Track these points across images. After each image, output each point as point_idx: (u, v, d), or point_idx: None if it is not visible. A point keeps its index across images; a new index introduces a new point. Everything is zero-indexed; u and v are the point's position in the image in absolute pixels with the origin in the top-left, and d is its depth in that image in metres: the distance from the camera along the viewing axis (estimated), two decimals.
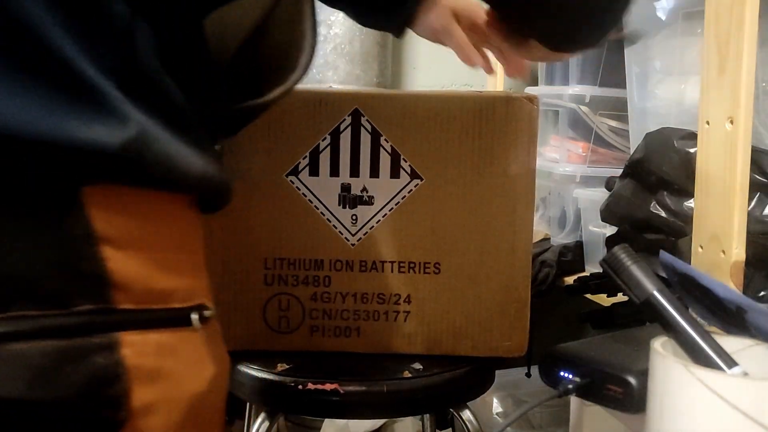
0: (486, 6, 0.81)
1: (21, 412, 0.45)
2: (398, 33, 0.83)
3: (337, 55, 1.79)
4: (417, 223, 0.87)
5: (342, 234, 0.87)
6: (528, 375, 1.64)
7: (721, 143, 0.87)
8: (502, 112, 0.85)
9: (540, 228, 1.60)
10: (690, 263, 0.92)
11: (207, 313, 0.53)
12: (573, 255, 1.44)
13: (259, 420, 0.89)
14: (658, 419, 0.56)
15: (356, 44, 1.79)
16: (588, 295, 1.24)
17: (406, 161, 0.86)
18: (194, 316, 0.51)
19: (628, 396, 0.61)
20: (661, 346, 0.57)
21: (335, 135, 0.86)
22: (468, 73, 1.05)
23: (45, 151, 0.44)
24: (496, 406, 1.65)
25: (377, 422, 1.64)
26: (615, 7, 0.69)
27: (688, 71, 1.11)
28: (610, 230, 1.21)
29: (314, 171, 0.86)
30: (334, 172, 0.86)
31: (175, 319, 0.51)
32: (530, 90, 1.52)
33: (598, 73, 1.43)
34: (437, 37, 0.84)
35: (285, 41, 0.67)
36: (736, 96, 0.85)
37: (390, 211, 0.87)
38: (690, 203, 0.98)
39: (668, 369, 0.54)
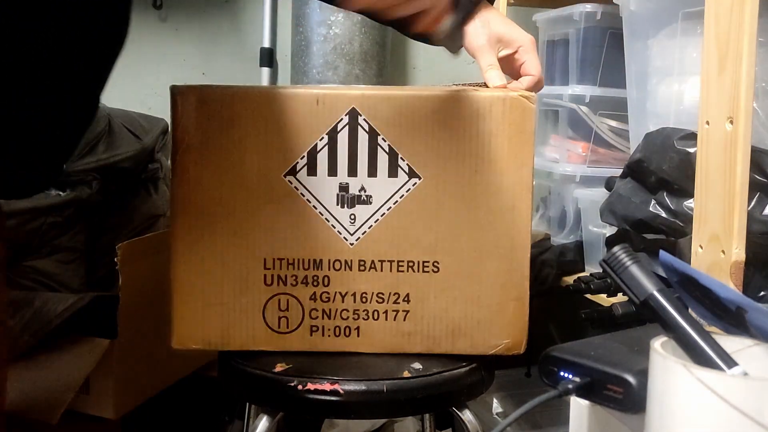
0: (530, 37, 0.96)
1: None
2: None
3: (337, 55, 1.79)
4: (415, 222, 0.87)
5: (341, 233, 0.87)
6: (528, 375, 1.64)
7: (721, 143, 0.87)
8: (500, 111, 0.85)
9: (540, 228, 1.60)
10: (690, 263, 0.92)
11: None
12: (573, 255, 1.44)
13: (259, 420, 0.89)
14: (658, 419, 0.55)
15: (356, 44, 1.79)
16: (588, 295, 1.24)
17: (404, 160, 0.86)
18: None
19: (628, 396, 0.61)
20: (661, 346, 0.57)
21: (333, 134, 0.86)
22: (468, 73, 1.05)
23: None
24: (496, 406, 1.65)
25: (377, 422, 1.64)
26: None
27: (688, 71, 1.10)
28: (610, 230, 1.21)
29: (312, 171, 0.86)
30: (332, 171, 0.86)
31: None
32: None
33: (598, 73, 1.43)
34: (473, 53, 0.95)
35: None
36: (736, 96, 0.85)
37: (388, 210, 0.87)
38: (690, 203, 0.98)
39: (668, 369, 0.54)
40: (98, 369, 1.30)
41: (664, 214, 1.04)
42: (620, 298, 1.16)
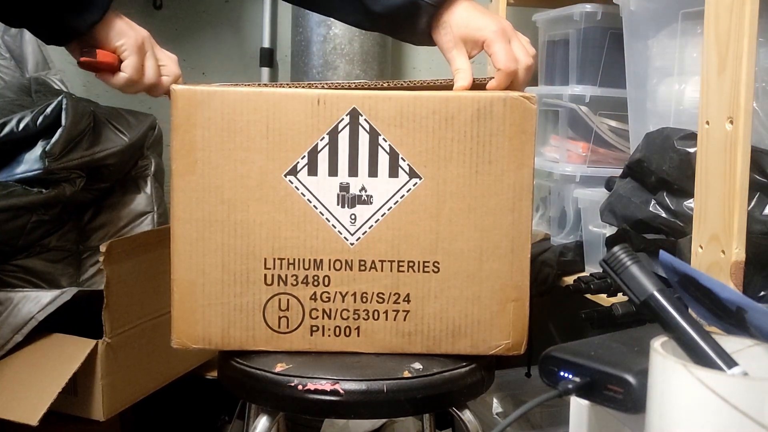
0: (494, 28, 0.92)
1: None
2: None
3: (337, 55, 1.79)
4: (416, 223, 0.87)
5: (341, 234, 0.87)
6: (528, 375, 1.64)
7: (721, 143, 0.87)
8: (501, 111, 0.85)
9: (540, 228, 1.60)
10: (690, 263, 0.92)
11: None
12: (573, 255, 1.44)
13: (259, 420, 0.89)
14: (657, 419, 0.56)
15: (356, 44, 1.79)
16: (588, 295, 1.24)
17: (404, 160, 0.86)
18: None
19: (628, 396, 0.61)
20: (661, 346, 0.57)
21: (333, 134, 0.86)
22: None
23: None
24: (496, 406, 1.65)
25: (377, 422, 1.64)
26: None
27: (688, 71, 1.10)
28: (610, 230, 1.21)
29: (313, 171, 0.86)
30: (333, 171, 0.86)
31: None
32: (530, 90, 1.52)
33: (598, 73, 1.43)
34: (447, 60, 0.96)
35: None
36: (736, 96, 0.85)
37: (389, 210, 0.87)
38: (690, 203, 0.98)
39: (668, 369, 0.54)
40: (85, 370, 1.27)
41: (664, 214, 1.04)
42: (620, 298, 1.16)
